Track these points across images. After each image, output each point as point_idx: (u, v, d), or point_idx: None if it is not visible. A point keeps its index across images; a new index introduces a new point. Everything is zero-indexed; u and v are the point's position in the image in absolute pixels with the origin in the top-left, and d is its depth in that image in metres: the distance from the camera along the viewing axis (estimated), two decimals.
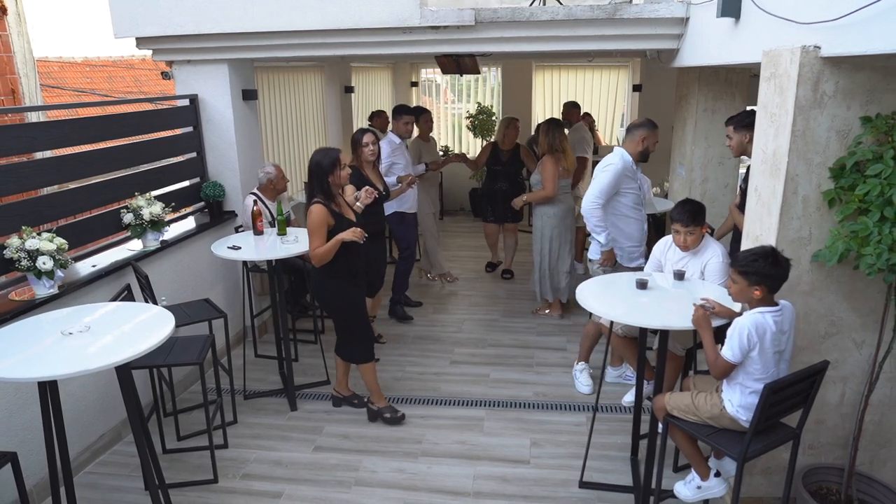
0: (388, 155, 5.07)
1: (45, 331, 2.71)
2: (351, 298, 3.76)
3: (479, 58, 5.76)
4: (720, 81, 4.49)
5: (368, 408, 3.99)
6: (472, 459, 3.61)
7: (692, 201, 3.43)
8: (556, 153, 5.02)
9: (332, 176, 3.52)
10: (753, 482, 3.00)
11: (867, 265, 2.34)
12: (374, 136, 4.43)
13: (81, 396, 3.51)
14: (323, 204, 3.51)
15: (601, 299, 3.08)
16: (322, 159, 3.52)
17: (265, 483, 3.41)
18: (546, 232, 5.21)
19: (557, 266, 5.28)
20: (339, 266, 3.64)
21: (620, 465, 3.52)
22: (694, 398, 2.59)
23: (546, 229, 5.21)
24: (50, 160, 4.03)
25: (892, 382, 2.80)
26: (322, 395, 4.33)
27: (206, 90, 4.80)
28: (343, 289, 3.72)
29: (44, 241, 3.26)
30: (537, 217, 5.30)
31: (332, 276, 3.67)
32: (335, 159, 3.52)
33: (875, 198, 2.35)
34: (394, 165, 5.17)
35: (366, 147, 4.38)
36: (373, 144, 4.39)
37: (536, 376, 4.58)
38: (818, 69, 2.43)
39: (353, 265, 3.70)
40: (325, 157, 3.52)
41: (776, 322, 2.42)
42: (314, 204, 3.51)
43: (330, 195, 3.54)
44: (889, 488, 2.76)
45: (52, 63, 14.51)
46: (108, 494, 3.34)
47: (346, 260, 3.64)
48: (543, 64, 9.01)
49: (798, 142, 2.53)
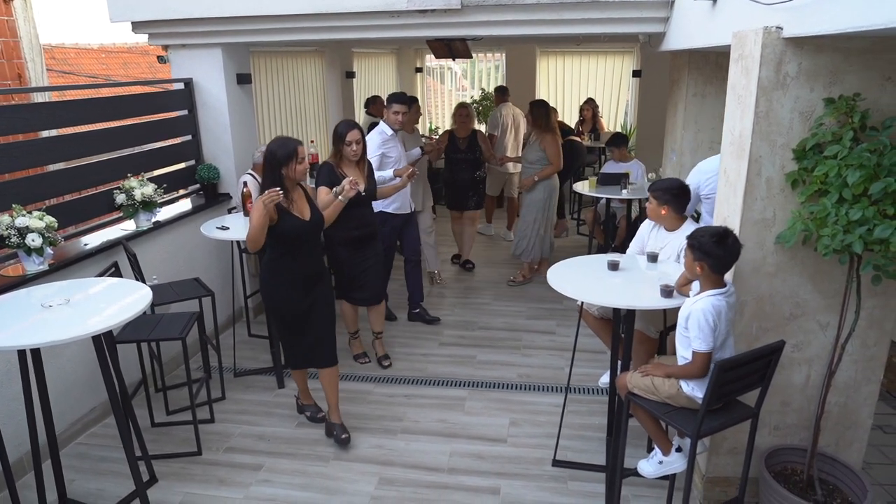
0: (378, 147, 4.63)
1: (28, 304, 2.81)
2: (282, 303, 3.40)
3: (472, 42, 5.77)
4: (710, 65, 4.47)
5: (296, 401, 3.93)
6: (450, 437, 3.68)
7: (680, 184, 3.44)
8: (553, 131, 5.63)
9: (287, 168, 3.19)
10: (720, 462, 3.03)
11: (823, 246, 2.35)
12: (361, 133, 3.99)
13: (71, 371, 3.63)
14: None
15: (572, 280, 3.11)
16: (277, 149, 3.20)
17: (247, 456, 3.51)
18: (543, 202, 5.74)
19: (548, 229, 5.88)
20: (279, 264, 3.34)
21: (595, 446, 3.57)
22: (653, 378, 2.62)
23: (543, 199, 5.73)
24: (43, 141, 4.14)
25: (856, 365, 2.82)
26: (310, 373, 4.41)
27: (200, 74, 4.88)
28: (277, 291, 3.38)
29: (33, 220, 3.36)
30: (537, 189, 5.71)
31: (271, 273, 3.37)
32: (292, 151, 3.20)
33: (834, 179, 2.36)
34: (385, 159, 4.70)
35: (348, 146, 3.93)
36: (357, 143, 3.93)
37: (523, 358, 4.63)
38: (780, 50, 2.44)
39: (298, 269, 3.35)
40: (280, 148, 3.20)
41: (727, 302, 2.45)
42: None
43: (281, 189, 3.16)
44: (851, 469, 2.78)
45: (68, 49, 14.73)
46: (96, 464, 3.46)
47: (290, 261, 3.33)
48: (547, 50, 8.99)
49: (761, 123, 2.53)
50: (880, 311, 2.74)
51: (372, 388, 4.23)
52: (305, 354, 3.56)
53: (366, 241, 4.20)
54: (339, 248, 4.15)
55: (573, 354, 3.60)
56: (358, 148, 3.96)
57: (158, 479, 3.30)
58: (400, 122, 4.68)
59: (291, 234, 3.25)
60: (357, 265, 4.22)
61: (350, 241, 4.13)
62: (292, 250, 3.32)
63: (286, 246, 3.29)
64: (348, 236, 4.10)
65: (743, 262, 2.70)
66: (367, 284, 4.30)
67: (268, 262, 3.39)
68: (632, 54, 8.84)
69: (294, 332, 3.50)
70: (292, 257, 3.33)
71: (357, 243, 4.15)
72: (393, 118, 4.68)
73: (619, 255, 3.31)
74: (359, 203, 3.89)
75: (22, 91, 6.32)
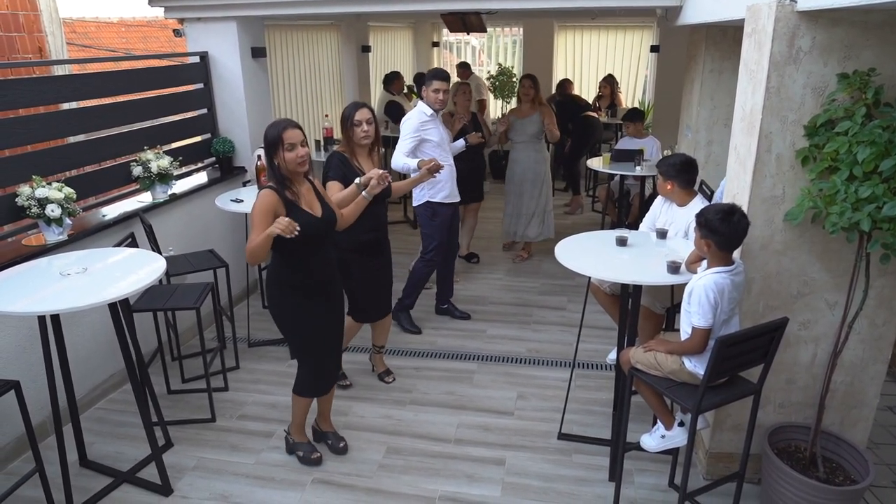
0: (415, 130, 4.18)
1: (48, 273, 2.90)
2: (307, 321, 2.96)
3: (489, 17, 5.72)
4: (728, 41, 4.39)
5: (286, 438, 3.37)
6: (457, 409, 3.74)
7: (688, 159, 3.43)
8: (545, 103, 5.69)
9: (277, 157, 2.76)
10: (723, 437, 3.06)
11: (831, 224, 2.34)
12: (371, 112, 3.47)
13: (91, 338, 3.73)
14: (273, 189, 2.76)
15: (579, 255, 3.12)
16: (267, 134, 2.78)
17: (258, 423, 3.61)
18: (545, 175, 5.70)
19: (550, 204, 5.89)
20: (292, 276, 2.90)
21: (601, 420, 3.61)
22: (656, 354, 2.64)
23: (544, 173, 5.70)
24: (61, 113, 4.21)
25: (864, 344, 2.81)
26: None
27: (215, 47, 4.91)
28: (293, 307, 2.93)
29: (52, 191, 3.44)
30: (539, 164, 5.66)
31: (284, 286, 2.92)
32: (276, 137, 2.73)
33: (845, 156, 2.33)
34: (424, 143, 4.24)
35: (358, 126, 3.39)
36: (367, 124, 3.40)
37: (532, 333, 4.67)
38: (794, 24, 2.40)
39: (313, 277, 2.93)
40: (268, 133, 2.77)
41: (733, 281, 2.45)
42: (263, 188, 2.81)
43: (281, 179, 2.77)
44: (855, 448, 2.78)
45: (88, 23, 14.83)
46: (115, 428, 3.58)
47: (302, 269, 2.89)
48: (565, 24, 8.87)
49: (773, 98, 2.51)
50: (890, 291, 2.72)
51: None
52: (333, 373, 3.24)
53: (378, 246, 3.69)
54: (349, 255, 3.54)
55: (580, 329, 3.63)
56: (370, 129, 3.42)
57: (174, 443, 3.41)
58: (441, 101, 4.20)
59: (302, 231, 2.67)
60: (370, 276, 3.68)
61: (361, 246, 3.57)
62: (306, 254, 2.87)
63: (296, 248, 2.80)
64: (360, 241, 3.53)
65: (751, 240, 2.69)
66: (374, 300, 3.78)
67: (277, 273, 2.93)
68: (650, 29, 8.69)
69: (324, 353, 3.10)
70: (306, 262, 2.89)
71: (369, 249, 3.61)
72: (433, 97, 4.19)
73: (628, 230, 3.31)
74: (374, 200, 3.27)
75: (42, 64, 6.40)
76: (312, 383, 3.16)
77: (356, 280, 3.62)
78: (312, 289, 2.95)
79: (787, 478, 2.66)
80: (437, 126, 4.32)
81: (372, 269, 3.67)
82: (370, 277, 3.68)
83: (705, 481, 3.03)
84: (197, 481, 3.15)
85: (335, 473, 3.20)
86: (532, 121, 5.54)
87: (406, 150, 4.18)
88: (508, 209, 5.85)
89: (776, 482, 2.72)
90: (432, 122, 4.27)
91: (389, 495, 3.05)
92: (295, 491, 3.08)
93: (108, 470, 3.20)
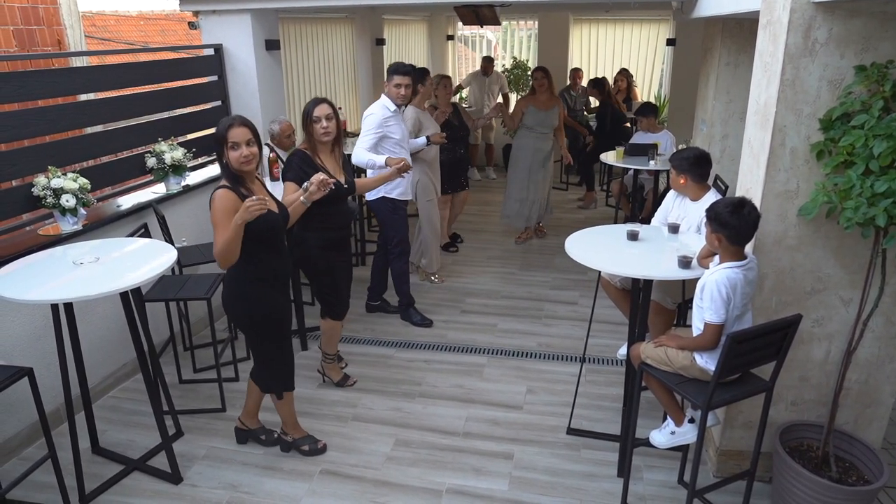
0: (378, 125, 4.10)
1: (62, 262, 2.93)
2: (274, 309, 2.93)
3: (503, 10, 5.68)
4: (744, 34, 4.32)
5: (282, 439, 3.31)
6: (467, 402, 3.73)
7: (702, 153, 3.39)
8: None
9: (223, 154, 2.70)
10: (734, 435, 3.02)
11: (846, 219, 2.30)
12: (332, 107, 3.36)
13: (105, 328, 3.77)
14: (228, 188, 2.69)
15: (589, 249, 3.09)
16: (217, 128, 2.69)
17: (268, 413, 3.61)
18: (548, 164, 5.98)
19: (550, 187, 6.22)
20: (259, 266, 2.83)
21: (611, 416, 3.58)
22: (667, 349, 2.62)
23: (551, 162, 6.00)
24: (77, 104, 4.25)
25: (879, 341, 2.76)
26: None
27: (230, 40, 4.92)
28: (264, 296, 2.88)
29: (67, 181, 3.48)
30: (548, 153, 5.94)
31: (251, 280, 2.85)
32: (220, 135, 2.66)
33: (861, 149, 2.29)
34: (385, 140, 4.17)
35: (317, 123, 3.29)
36: (327, 120, 3.29)
37: (543, 328, 4.65)
38: (810, 15, 2.36)
39: (277, 264, 2.90)
40: (219, 127, 2.68)
41: (745, 276, 2.41)
42: (217, 189, 2.69)
43: (232, 178, 2.71)
44: (869, 447, 2.74)
45: (108, 17, 14.97)
46: (127, 417, 3.62)
47: (268, 257, 2.84)
48: (581, 18, 8.79)
49: (787, 91, 2.46)
50: None
51: (393, 353, 4.31)
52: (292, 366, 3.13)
53: (344, 243, 3.61)
54: (317, 253, 3.48)
55: (589, 324, 3.61)
56: (329, 125, 3.31)
57: (184, 432, 3.45)
58: (403, 95, 4.13)
59: (266, 228, 2.73)
60: (340, 273, 3.61)
61: (330, 244, 3.50)
62: (268, 249, 2.84)
63: (259, 246, 2.77)
64: (328, 239, 3.47)
65: (764, 235, 2.65)
66: (345, 297, 3.71)
67: (241, 269, 2.80)
68: (667, 23, 8.59)
69: (287, 343, 3.07)
70: (270, 256, 2.85)
71: (335, 246, 3.53)
72: (394, 92, 4.11)
73: (640, 224, 3.27)
74: (339, 198, 3.34)
75: (60, 56, 6.46)
76: (286, 374, 3.11)
77: (326, 277, 3.57)
78: (275, 284, 2.92)
79: (799, 477, 2.63)
80: (399, 123, 4.27)
81: (336, 265, 3.58)
82: (339, 274, 3.61)
83: (715, 479, 3.00)
84: (206, 470, 3.18)
85: (343, 465, 3.21)
86: (554, 114, 5.85)
87: (367, 146, 4.09)
88: (514, 194, 6.07)
89: (788, 481, 2.68)
90: (395, 117, 4.22)
91: (397, 487, 3.06)
92: (303, 481, 3.09)
93: (120, 457, 3.24)
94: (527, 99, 5.92)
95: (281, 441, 3.31)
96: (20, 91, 3.45)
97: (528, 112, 5.79)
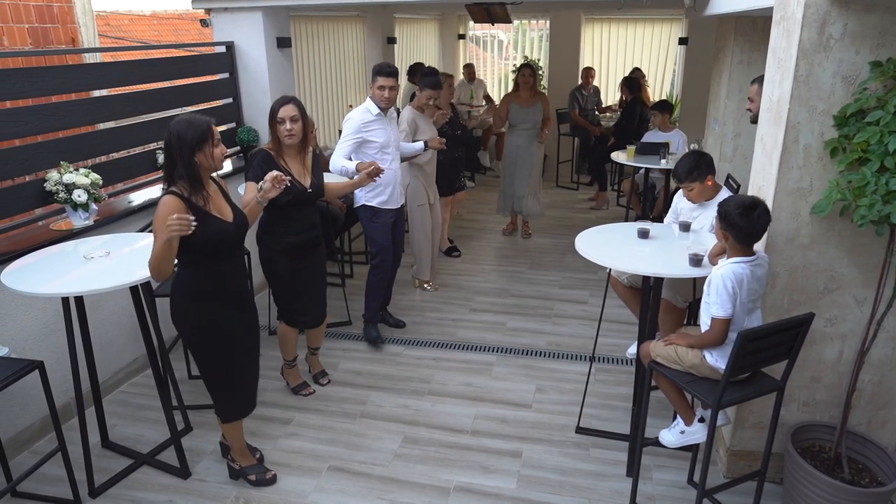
0: (355, 130, 3.89)
1: (74, 256, 2.95)
2: (220, 328, 2.68)
3: (515, 8, 5.66)
4: (757, 32, 4.29)
5: (230, 465, 3.09)
6: (475, 401, 3.72)
7: (691, 154, 3.36)
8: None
9: (201, 154, 2.47)
10: (745, 435, 2.99)
11: (860, 217, 2.27)
12: (299, 108, 3.18)
13: (116, 322, 3.80)
14: (178, 196, 2.46)
15: (599, 247, 3.08)
16: (185, 131, 2.44)
17: (277, 410, 3.64)
18: (536, 161, 6.03)
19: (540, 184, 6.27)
20: (206, 279, 2.61)
21: (620, 415, 3.56)
22: (677, 348, 2.59)
23: (536, 158, 6.02)
24: (89, 100, 4.27)
25: (893, 342, 2.72)
26: (342, 334, 4.53)
27: (241, 37, 4.94)
28: (210, 312, 2.64)
29: (79, 176, 3.50)
30: (532, 150, 5.96)
31: (195, 293, 2.63)
32: (205, 131, 2.46)
33: (876, 146, 2.26)
34: (366, 145, 3.96)
35: (281, 125, 3.14)
36: (292, 122, 3.13)
37: (553, 327, 4.63)
38: (825, 11, 2.33)
39: (225, 286, 2.66)
40: (189, 129, 2.44)
41: (753, 272, 2.39)
42: (166, 195, 2.47)
43: (196, 182, 2.49)
44: (882, 449, 2.70)
45: (122, 17, 15.09)
46: (137, 411, 3.64)
47: (217, 269, 2.62)
48: (593, 17, 8.76)
49: (801, 88, 2.44)
50: None
51: (402, 351, 4.30)
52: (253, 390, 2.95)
53: (307, 248, 3.42)
54: (276, 257, 3.37)
55: (599, 323, 3.59)
56: (294, 127, 3.14)
57: (193, 427, 3.46)
58: (387, 98, 3.87)
59: (215, 239, 2.52)
60: (298, 279, 3.44)
61: (289, 249, 3.35)
62: (217, 261, 2.61)
63: (208, 257, 2.58)
64: (286, 243, 3.34)
65: (776, 233, 2.62)
66: (309, 304, 3.55)
67: (185, 285, 2.62)
68: (679, 22, 8.54)
69: (241, 369, 2.81)
70: (219, 268, 2.63)
71: (297, 252, 3.37)
72: (378, 94, 3.86)
73: (651, 223, 3.25)
74: (301, 202, 3.24)
75: (72, 52, 6.52)
76: (234, 403, 2.86)
77: (282, 282, 3.43)
78: (226, 298, 2.68)
79: (811, 478, 2.60)
80: (385, 127, 3.97)
81: (298, 271, 3.42)
82: (297, 280, 3.44)
83: (725, 479, 2.98)
84: (214, 465, 3.18)
85: (350, 461, 3.21)
86: (536, 110, 5.86)
87: (345, 153, 3.90)
88: (503, 189, 6.28)
89: (799, 482, 2.65)
90: (378, 121, 3.94)
91: (404, 484, 3.05)
92: (310, 478, 3.09)
93: (129, 452, 3.26)
94: (510, 96, 5.96)
95: (229, 467, 3.09)
96: (33, 87, 3.48)
97: (511, 109, 5.86)
